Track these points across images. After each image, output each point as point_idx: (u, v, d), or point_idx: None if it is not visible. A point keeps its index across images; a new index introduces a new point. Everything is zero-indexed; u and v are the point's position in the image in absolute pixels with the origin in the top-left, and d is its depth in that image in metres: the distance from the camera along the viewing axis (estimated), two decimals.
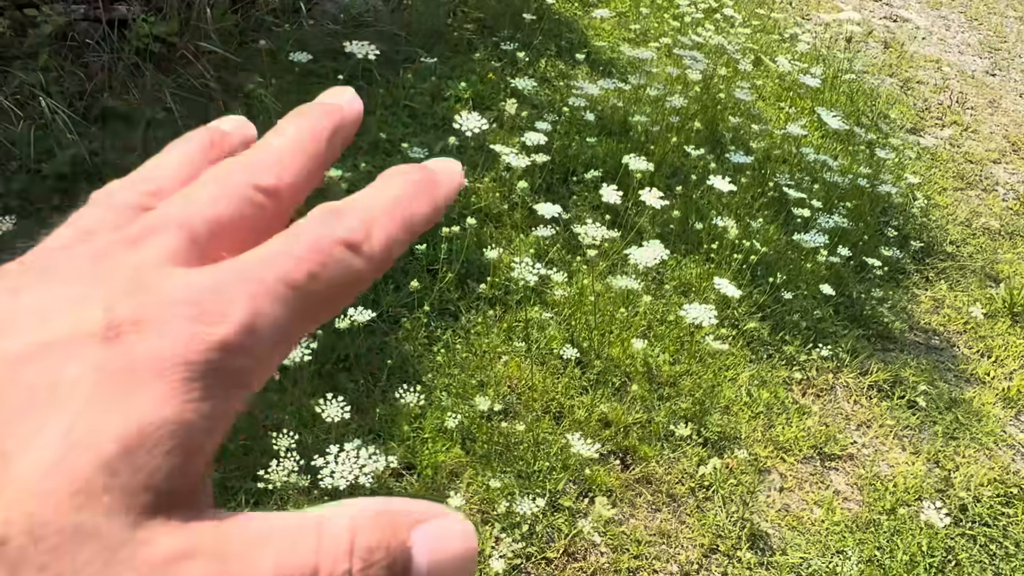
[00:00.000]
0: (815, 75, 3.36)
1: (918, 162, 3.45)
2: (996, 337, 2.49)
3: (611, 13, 4.01)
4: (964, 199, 3.26)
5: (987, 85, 4.60)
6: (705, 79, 3.10)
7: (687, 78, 2.79)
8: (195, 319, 0.17)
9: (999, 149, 3.77)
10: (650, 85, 2.89)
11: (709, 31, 3.39)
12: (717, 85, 3.03)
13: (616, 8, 4.10)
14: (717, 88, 3.04)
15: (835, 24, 3.82)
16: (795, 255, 2.41)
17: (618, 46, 3.63)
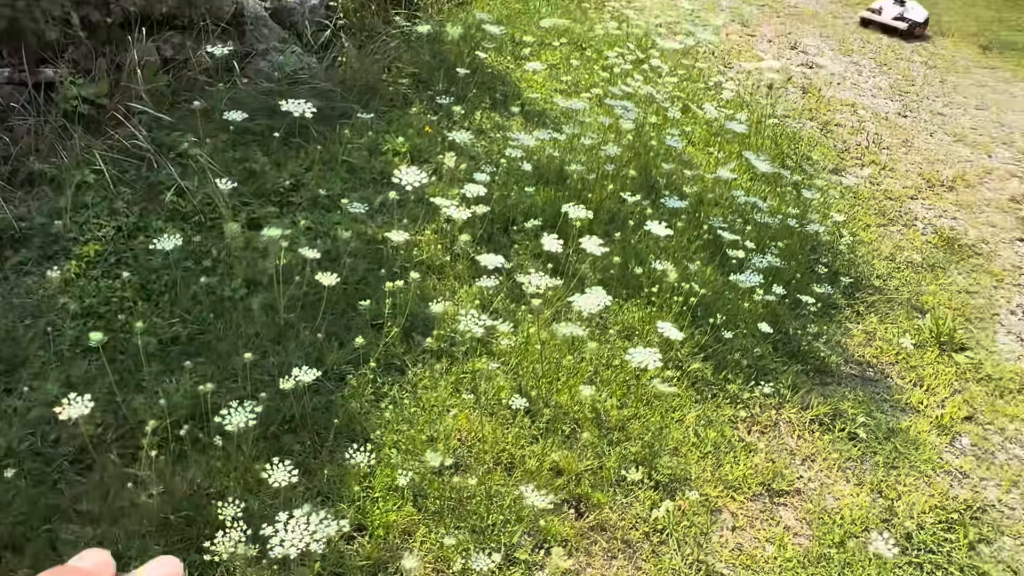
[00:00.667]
0: (740, 121, 3.50)
1: (842, 201, 3.60)
2: (926, 367, 2.58)
3: (543, 66, 4.11)
4: (887, 234, 3.40)
5: (900, 126, 4.84)
6: (637, 127, 3.19)
7: (619, 127, 2.87)
8: None
9: (915, 186, 3.96)
10: (584, 135, 2.95)
11: (638, 81, 3.50)
12: (648, 132, 3.12)
13: (548, 60, 4.20)
14: (649, 135, 3.13)
15: (756, 72, 3.99)
16: (733, 295, 2.47)
17: (551, 97, 3.72)
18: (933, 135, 4.80)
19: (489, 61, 3.95)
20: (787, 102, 4.78)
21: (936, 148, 4.57)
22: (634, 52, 4.40)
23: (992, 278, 3.24)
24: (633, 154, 3.14)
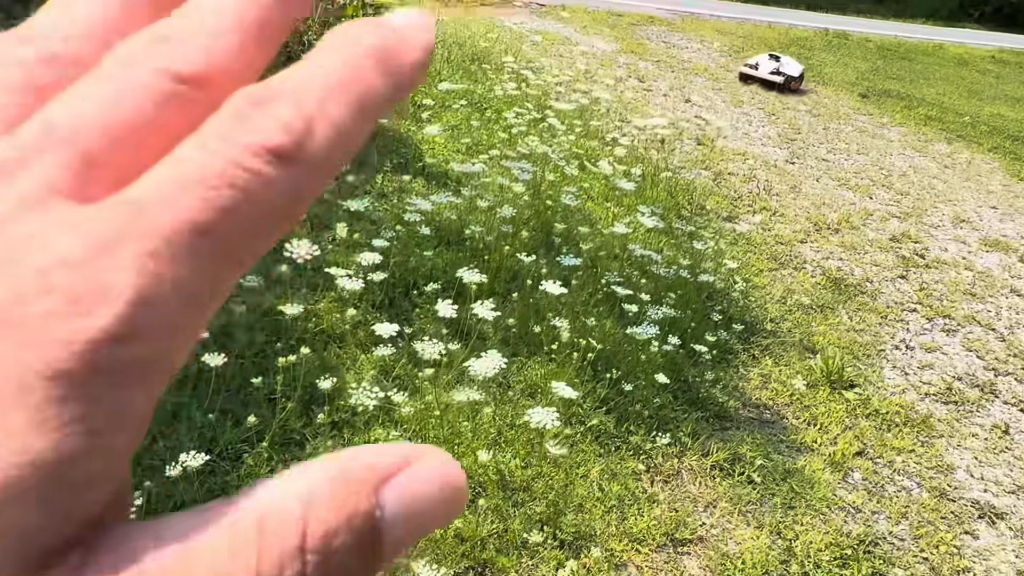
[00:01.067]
0: (635, 175, 3.63)
1: (735, 247, 3.75)
2: (819, 405, 2.69)
3: (443, 128, 4.18)
4: (779, 278, 3.56)
5: (788, 172, 5.11)
6: (534, 186, 3.28)
7: (516, 188, 2.93)
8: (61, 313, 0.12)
9: (804, 230, 4.17)
10: (482, 196, 3.01)
11: (535, 141, 3.60)
12: (546, 191, 3.20)
13: (448, 122, 4.28)
14: (546, 194, 3.21)
15: (650, 127, 4.15)
16: (631, 347, 2.53)
17: (453, 158, 3.78)
18: (819, 180, 5.08)
19: (390, 124, 4.00)
20: (682, 154, 4.98)
21: (822, 192, 4.83)
22: (532, 112, 4.53)
23: (877, 315, 3.41)
24: (533, 213, 3.22)
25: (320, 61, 0.15)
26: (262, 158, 0.14)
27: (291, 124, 0.14)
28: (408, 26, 0.16)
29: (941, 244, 4.38)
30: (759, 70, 7.15)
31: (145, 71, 0.14)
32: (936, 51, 12.34)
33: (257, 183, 0.14)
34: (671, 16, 10.71)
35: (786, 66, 7.17)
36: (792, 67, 7.21)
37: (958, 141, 6.76)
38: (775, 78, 7.09)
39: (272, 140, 0.14)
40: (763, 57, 7.35)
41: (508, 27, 7.25)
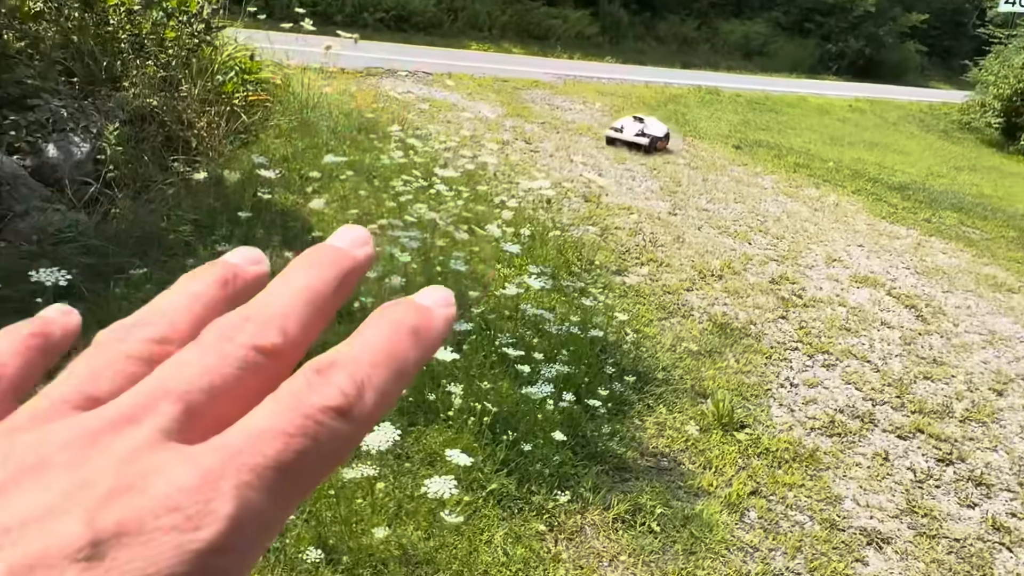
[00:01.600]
0: (524, 236, 3.71)
1: (625, 300, 3.87)
2: (712, 448, 2.78)
3: (328, 200, 4.18)
4: (668, 327, 3.68)
5: (672, 224, 5.33)
6: (424, 252, 3.30)
7: (404, 257, 2.95)
8: (180, 527, 0.16)
9: (689, 278, 4.34)
10: (372, 268, 3.00)
11: (423, 208, 3.64)
12: (436, 258, 3.23)
13: (337, 193, 4.28)
14: (436, 260, 3.24)
15: (535, 190, 4.27)
16: (528, 407, 2.55)
17: None
18: (701, 229, 5.32)
19: (276, 199, 3.97)
20: (570, 211, 5.14)
21: (705, 241, 5.06)
22: (419, 180, 4.59)
23: (762, 356, 3.57)
24: (425, 280, 3.23)
25: (368, 336, 0.21)
26: (326, 415, 0.18)
27: (346, 390, 0.19)
28: (436, 304, 0.22)
29: (816, 283, 4.64)
30: (624, 133, 7.27)
31: (234, 345, 0.20)
32: (800, 103, 13.25)
33: (322, 433, 0.18)
34: (554, 80, 11.12)
35: (650, 127, 7.31)
36: (656, 127, 7.36)
37: (825, 185, 7.23)
38: (640, 140, 7.19)
39: (333, 401, 0.19)
40: (627, 120, 7.48)
41: (394, 96, 7.36)
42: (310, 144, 4.86)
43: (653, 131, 7.27)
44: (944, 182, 8.66)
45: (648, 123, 7.37)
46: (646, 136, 7.20)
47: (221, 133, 4.18)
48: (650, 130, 7.27)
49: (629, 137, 7.22)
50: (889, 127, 13.08)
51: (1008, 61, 14.30)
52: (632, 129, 7.27)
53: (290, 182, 4.24)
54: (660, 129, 7.37)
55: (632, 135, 7.22)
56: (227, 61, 4.64)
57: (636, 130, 7.25)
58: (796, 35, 22.41)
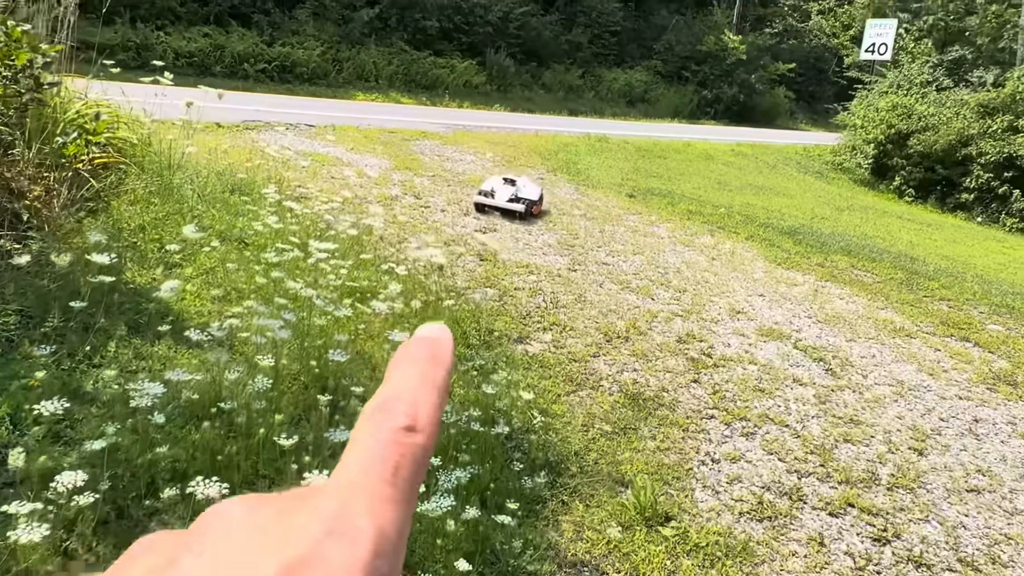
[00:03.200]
0: (414, 307, 3.34)
1: (530, 373, 3.54)
2: (638, 551, 2.45)
3: (193, 274, 3.70)
4: (577, 402, 3.37)
5: (572, 281, 5.08)
6: (301, 334, 2.89)
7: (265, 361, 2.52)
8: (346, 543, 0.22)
9: (595, 342, 4.07)
10: (234, 362, 2.57)
11: (299, 284, 3.22)
12: (311, 345, 2.81)
13: (201, 266, 3.79)
14: (313, 346, 2.83)
15: (427, 251, 3.91)
16: (424, 528, 2.16)
17: (202, 313, 3.30)
18: (602, 285, 5.09)
19: (130, 277, 3.45)
20: (465, 272, 4.81)
21: (607, 299, 4.82)
22: (295, 249, 4.16)
23: (679, 429, 3.30)
24: (301, 367, 2.81)
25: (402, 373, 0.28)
26: (402, 434, 0.26)
27: (407, 412, 0.26)
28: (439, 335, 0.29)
29: (723, 339, 4.47)
30: (495, 198, 6.38)
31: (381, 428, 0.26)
32: (685, 148, 13.51)
33: (405, 446, 0.25)
34: (443, 130, 10.88)
35: (524, 190, 6.50)
36: (530, 190, 6.54)
37: (719, 232, 7.21)
38: (515, 206, 6.33)
39: (403, 423, 0.26)
40: (497, 181, 6.62)
41: (272, 153, 6.89)
42: (173, 210, 4.35)
43: (528, 194, 6.47)
44: (829, 224, 8.86)
45: (521, 184, 6.58)
46: (521, 201, 6.37)
47: (61, 202, 3.64)
48: (525, 193, 6.46)
49: (502, 203, 6.35)
50: (770, 170, 13.51)
51: (873, 104, 15.12)
52: (504, 193, 6.40)
53: (145, 255, 3.73)
54: (534, 191, 6.54)
55: (505, 200, 6.35)
56: (74, 120, 4.10)
57: (509, 194, 6.38)
58: (675, 82, 23.22)
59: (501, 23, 19.66)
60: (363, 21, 17.95)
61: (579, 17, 22.44)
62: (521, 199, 6.37)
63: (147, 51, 14.32)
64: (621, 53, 23.63)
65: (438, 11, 18.70)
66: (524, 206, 6.33)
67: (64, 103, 4.13)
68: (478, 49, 19.49)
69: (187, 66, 14.59)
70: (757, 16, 30.34)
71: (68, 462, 2.02)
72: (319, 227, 4.44)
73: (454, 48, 19.31)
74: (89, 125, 4.24)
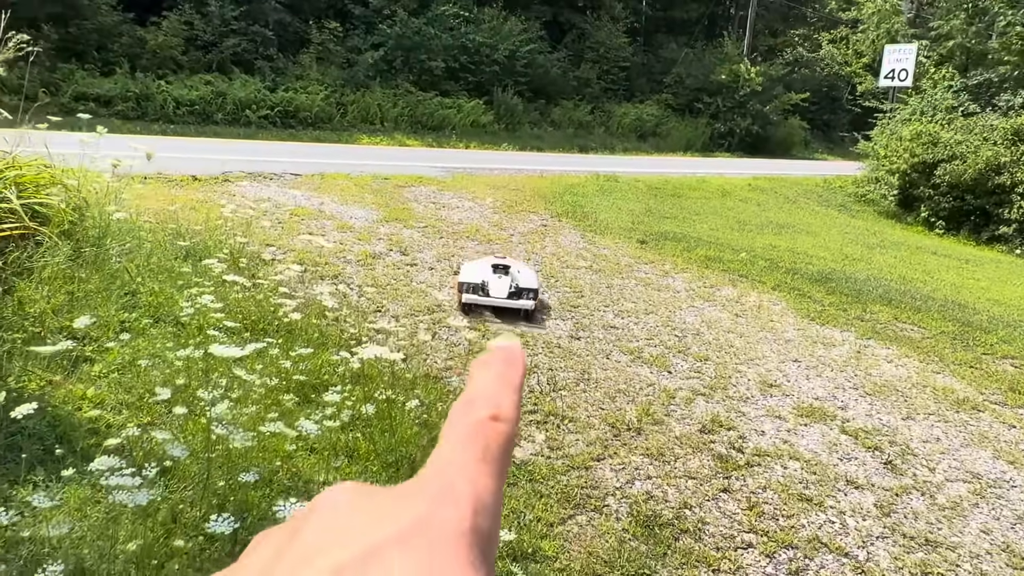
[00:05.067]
0: (367, 413, 2.63)
1: (516, 490, 2.80)
2: None
3: (104, 372, 3.02)
4: (575, 534, 2.62)
5: (574, 353, 4.35)
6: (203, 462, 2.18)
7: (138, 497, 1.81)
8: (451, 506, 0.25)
9: (600, 439, 3.33)
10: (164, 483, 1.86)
11: (218, 391, 2.53)
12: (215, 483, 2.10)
13: (113, 362, 3.11)
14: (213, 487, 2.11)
15: (370, 357, 3.19)
16: None
17: (101, 428, 2.61)
18: (610, 356, 4.36)
19: (12, 383, 2.77)
20: (448, 346, 4.10)
21: (615, 375, 4.08)
22: (241, 330, 3.49)
23: (707, 569, 2.55)
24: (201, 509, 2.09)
25: (482, 376, 0.31)
26: (489, 422, 0.29)
27: (491, 403, 0.29)
28: (512, 345, 0.32)
29: (756, 425, 3.71)
30: (491, 293, 4.71)
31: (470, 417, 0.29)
32: (700, 185, 12.82)
33: (491, 432, 0.29)
34: (442, 174, 10.27)
35: (522, 277, 4.90)
36: (528, 276, 4.93)
37: (742, 282, 6.47)
38: (520, 303, 4.73)
39: (489, 412, 0.29)
40: (483, 268, 4.89)
41: (249, 204, 6.25)
42: (100, 287, 3.69)
43: (527, 281, 4.85)
44: (863, 267, 8.09)
45: (516, 271, 4.94)
46: (525, 294, 4.77)
47: None
48: (525, 281, 4.85)
49: (500, 300, 4.70)
50: (790, 205, 12.78)
51: (896, 134, 14.38)
52: (500, 286, 4.73)
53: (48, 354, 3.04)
54: (532, 278, 4.92)
55: (504, 296, 4.70)
56: None
57: (506, 287, 4.73)
58: (687, 115, 22.63)
59: (508, 61, 19.20)
60: (368, 64, 17.56)
61: (587, 53, 21.98)
62: (524, 290, 4.78)
63: (147, 101, 13.93)
64: (631, 87, 23.13)
65: (444, 51, 18.27)
66: (532, 301, 4.77)
67: None
68: (485, 88, 19.03)
69: (188, 114, 14.18)
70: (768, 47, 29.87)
71: None
72: (273, 300, 3.75)
73: (460, 88, 18.87)
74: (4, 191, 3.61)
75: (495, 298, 4.70)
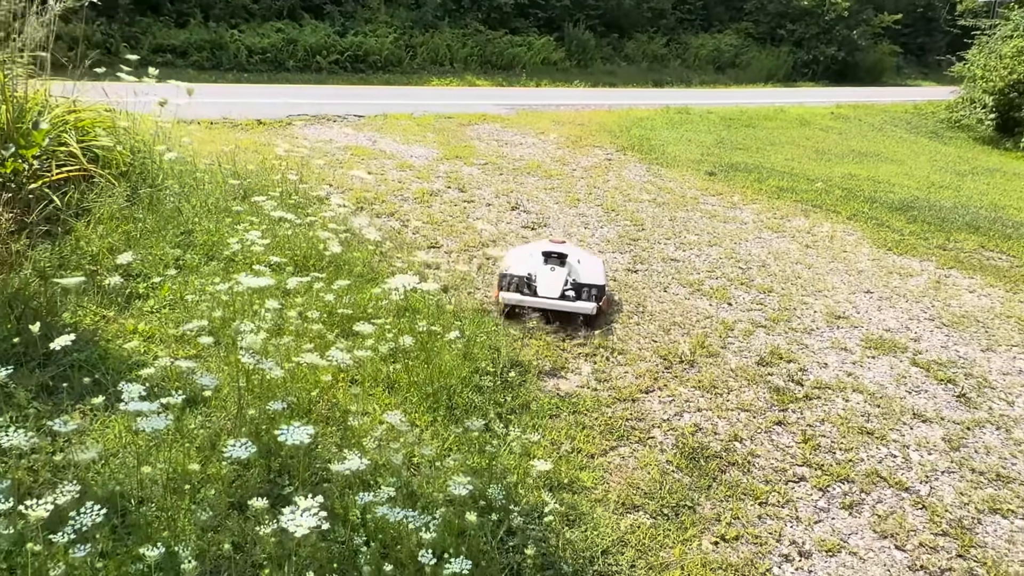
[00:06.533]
0: (419, 331, 2.61)
1: (557, 423, 2.75)
2: None
3: (156, 306, 3.08)
4: (616, 465, 2.56)
5: (630, 285, 4.23)
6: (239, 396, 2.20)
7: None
8: None
9: (650, 371, 3.23)
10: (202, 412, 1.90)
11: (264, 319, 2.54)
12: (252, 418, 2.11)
13: (164, 298, 3.17)
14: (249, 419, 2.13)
15: (406, 286, 3.12)
16: None
17: (149, 360, 2.67)
18: (667, 289, 4.22)
19: (67, 319, 2.86)
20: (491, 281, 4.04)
21: (672, 308, 3.95)
22: (291, 262, 3.51)
23: (754, 501, 2.45)
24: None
25: None
26: None
27: None
28: None
29: (819, 357, 3.54)
30: (538, 291, 3.59)
31: None
32: (778, 114, 12.25)
33: None
34: (506, 112, 10.09)
35: (583, 269, 3.75)
36: (590, 268, 3.79)
37: (815, 212, 6.16)
38: (577, 306, 3.54)
39: None
40: (531, 256, 3.80)
41: (308, 145, 6.28)
42: (155, 227, 3.76)
43: (590, 276, 3.73)
44: (950, 194, 7.60)
45: (575, 260, 3.80)
46: (585, 290, 3.61)
47: (3, 228, 3.08)
48: (586, 275, 3.72)
49: (550, 300, 3.56)
50: (875, 132, 12.09)
51: (996, 51, 13.34)
52: (551, 281, 3.61)
53: (104, 288, 3.12)
54: (595, 269, 3.80)
55: (556, 294, 3.57)
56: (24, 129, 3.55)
57: (559, 282, 3.61)
58: (768, 44, 21.58)
59: None
60: (436, 4, 17.33)
61: None
62: (584, 287, 3.63)
63: (221, 50, 14.14)
64: (708, 17, 22.16)
65: None
66: (594, 303, 3.57)
67: (25, 111, 3.59)
68: (556, 24, 18.57)
69: (260, 62, 14.33)
70: None
71: None
72: (319, 239, 3.75)
73: (530, 24, 18.46)
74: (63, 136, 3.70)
75: (544, 298, 3.56)
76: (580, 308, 3.54)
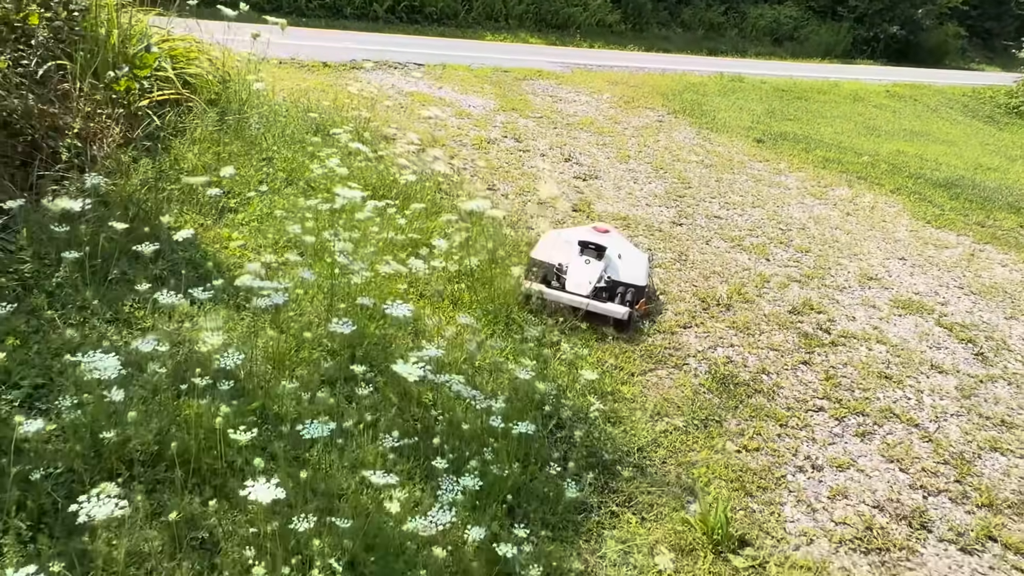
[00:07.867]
0: (467, 267, 2.92)
1: (603, 346, 3.05)
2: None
3: (247, 220, 3.43)
4: (653, 383, 2.86)
5: (674, 236, 4.49)
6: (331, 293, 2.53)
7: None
8: None
9: (688, 310, 3.51)
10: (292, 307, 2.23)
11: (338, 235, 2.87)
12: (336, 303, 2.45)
13: (254, 212, 3.52)
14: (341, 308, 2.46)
15: (480, 211, 3.40)
16: (403, 560, 1.75)
17: (243, 264, 3.01)
18: (709, 243, 4.47)
19: (171, 221, 3.21)
20: (554, 223, 4.32)
21: (712, 258, 4.21)
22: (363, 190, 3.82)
23: (775, 423, 2.74)
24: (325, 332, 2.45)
25: None
26: None
27: None
28: None
29: (848, 311, 3.78)
30: (568, 283, 3.24)
31: None
32: (831, 89, 12.22)
33: None
34: (561, 69, 10.27)
35: (622, 265, 3.40)
36: (632, 264, 3.44)
37: (859, 183, 6.32)
38: (609, 308, 3.17)
39: None
40: (570, 241, 3.47)
41: (373, 88, 6.57)
42: (241, 151, 4.10)
43: (630, 275, 3.37)
44: (996, 176, 7.67)
45: (614, 253, 3.45)
46: (617, 288, 3.28)
47: (113, 141, 3.43)
48: (624, 273, 3.36)
49: (579, 296, 3.19)
50: (930, 113, 12.03)
51: None
52: (584, 275, 3.26)
53: (199, 200, 3.48)
54: (637, 266, 3.45)
55: (586, 290, 3.21)
56: (134, 53, 3.89)
57: (594, 276, 3.26)
58: (828, 19, 21.22)
59: None
60: None
61: None
62: (620, 287, 3.29)
63: None
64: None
65: None
66: (627, 307, 3.20)
67: (129, 37, 3.93)
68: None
69: (319, 7, 14.60)
70: None
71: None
72: (390, 172, 4.06)
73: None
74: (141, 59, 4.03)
75: (571, 294, 3.19)
76: (609, 311, 3.15)
